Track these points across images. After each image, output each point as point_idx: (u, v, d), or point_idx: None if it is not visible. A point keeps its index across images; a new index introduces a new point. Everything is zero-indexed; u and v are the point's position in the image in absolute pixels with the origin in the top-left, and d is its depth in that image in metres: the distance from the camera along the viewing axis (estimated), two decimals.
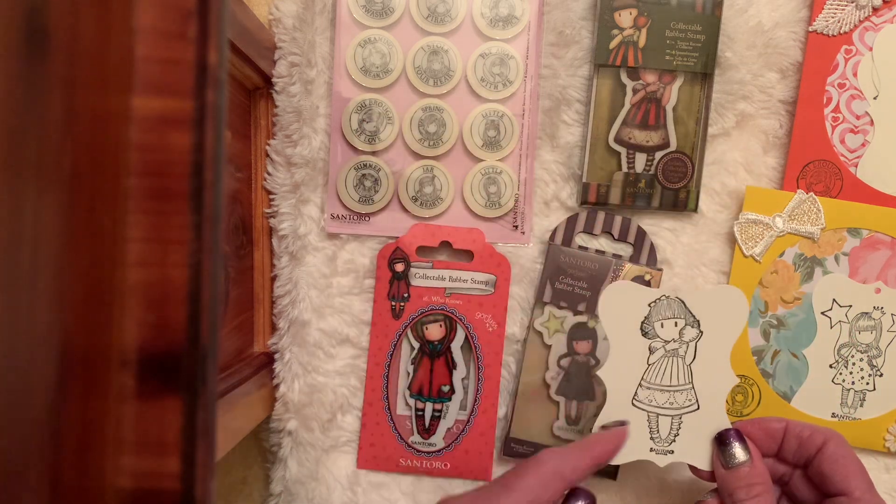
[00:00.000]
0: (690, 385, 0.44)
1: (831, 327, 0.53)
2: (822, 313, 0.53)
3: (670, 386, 0.44)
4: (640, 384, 0.44)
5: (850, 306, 0.52)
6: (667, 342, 0.44)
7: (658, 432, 0.44)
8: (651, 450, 0.44)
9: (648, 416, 0.44)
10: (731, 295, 0.44)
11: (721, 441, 0.43)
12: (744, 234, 0.52)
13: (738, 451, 0.42)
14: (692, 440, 0.44)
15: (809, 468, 0.43)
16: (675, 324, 0.43)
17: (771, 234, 0.52)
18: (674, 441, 0.44)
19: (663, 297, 0.43)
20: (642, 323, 0.44)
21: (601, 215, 0.53)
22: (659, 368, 0.44)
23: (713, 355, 0.44)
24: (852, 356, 0.53)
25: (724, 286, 0.48)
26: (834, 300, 0.53)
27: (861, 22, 0.52)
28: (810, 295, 0.52)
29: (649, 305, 0.43)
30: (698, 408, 0.44)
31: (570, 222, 0.53)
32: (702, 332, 0.43)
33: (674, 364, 0.44)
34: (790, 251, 0.52)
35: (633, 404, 0.44)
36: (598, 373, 0.44)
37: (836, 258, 0.52)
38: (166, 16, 0.27)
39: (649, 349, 0.44)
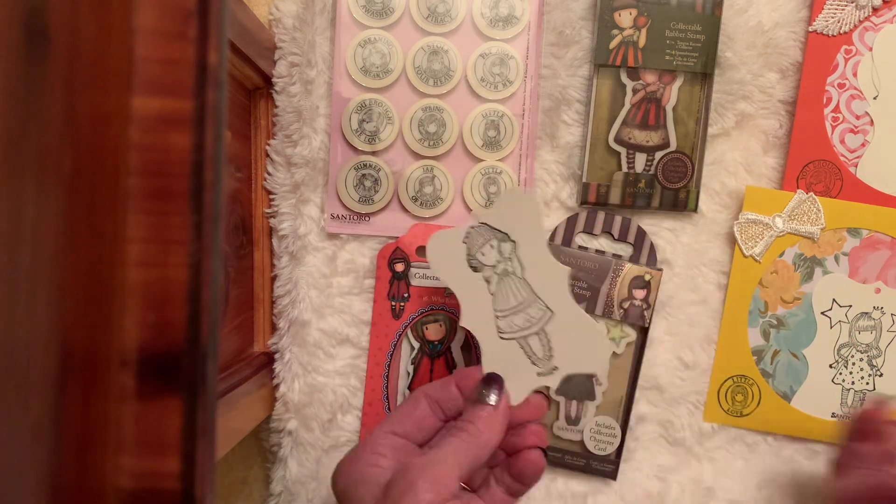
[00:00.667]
0: (535, 295, 0.44)
1: (831, 327, 0.53)
2: (822, 313, 0.53)
3: (520, 305, 0.44)
4: (496, 316, 0.44)
5: (850, 306, 0.52)
6: (495, 266, 0.44)
7: (535, 354, 0.44)
8: (539, 374, 0.44)
9: (519, 342, 0.44)
10: (516, 197, 0.45)
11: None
12: (744, 234, 0.52)
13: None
14: (567, 347, 0.44)
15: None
16: (492, 246, 0.44)
17: (771, 234, 0.52)
18: (552, 357, 0.44)
19: (470, 229, 0.44)
20: (468, 260, 0.44)
21: (601, 215, 0.53)
22: (502, 294, 0.44)
23: (535, 257, 0.44)
24: (852, 356, 0.53)
25: (508, 191, 0.50)
26: (834, 300, 0.53)
27: (861, 22, 0.52)
28: (810, 295, 0.52)
29: (464, 242, 0.44)
30: (553, 313, 0.44)
31: (570, 222, 0.53)
32: (514, 241, 0.44)
33: (512, 283, 0.44)
34: (790, 251, 0.52)
35: (500, 338, 0.44)
36: (461, 325, 0.45)
37: (836, 258, 0.52)
38: (166, 16, 0.27)
39: (486, 280, 0.44)
